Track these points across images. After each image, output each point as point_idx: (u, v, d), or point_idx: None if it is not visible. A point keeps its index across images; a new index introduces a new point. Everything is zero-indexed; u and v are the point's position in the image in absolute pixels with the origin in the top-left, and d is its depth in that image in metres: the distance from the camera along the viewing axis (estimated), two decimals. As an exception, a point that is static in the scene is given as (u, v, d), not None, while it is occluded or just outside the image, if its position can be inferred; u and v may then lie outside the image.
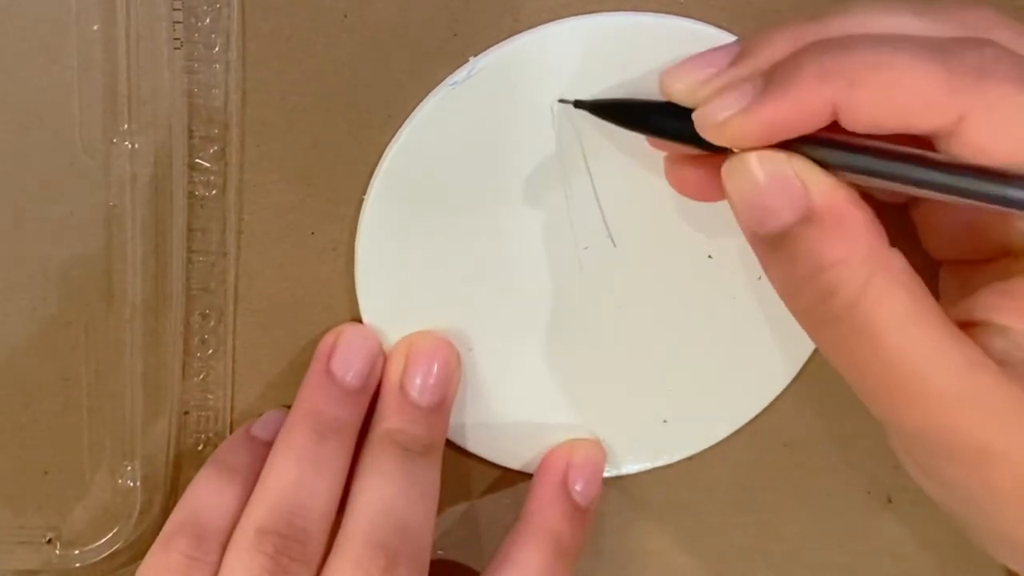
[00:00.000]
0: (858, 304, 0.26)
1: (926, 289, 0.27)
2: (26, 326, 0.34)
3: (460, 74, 0.32)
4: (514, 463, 0.37)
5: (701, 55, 0.29)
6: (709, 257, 0.34)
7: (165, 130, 0.32)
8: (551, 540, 0.34)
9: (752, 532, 0.39)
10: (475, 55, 0.32)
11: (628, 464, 0.37)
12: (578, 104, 0.32)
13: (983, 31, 0.27)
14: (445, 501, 0.33)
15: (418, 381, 0.34)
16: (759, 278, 0.34)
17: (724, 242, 0.34)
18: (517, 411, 0.36)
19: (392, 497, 0.31)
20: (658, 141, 0.31)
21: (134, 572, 0.35)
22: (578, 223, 0.34)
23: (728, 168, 0.28)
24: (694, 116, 0.28)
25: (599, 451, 0.36)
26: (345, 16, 0.32)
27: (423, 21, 0.32)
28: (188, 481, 0.34)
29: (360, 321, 0.35)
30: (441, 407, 0.34)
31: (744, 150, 0.28)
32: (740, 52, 0.29)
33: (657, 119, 0.30)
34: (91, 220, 0.33)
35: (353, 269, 0.34)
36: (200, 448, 0.35)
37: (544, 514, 0.34)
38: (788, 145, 0.27)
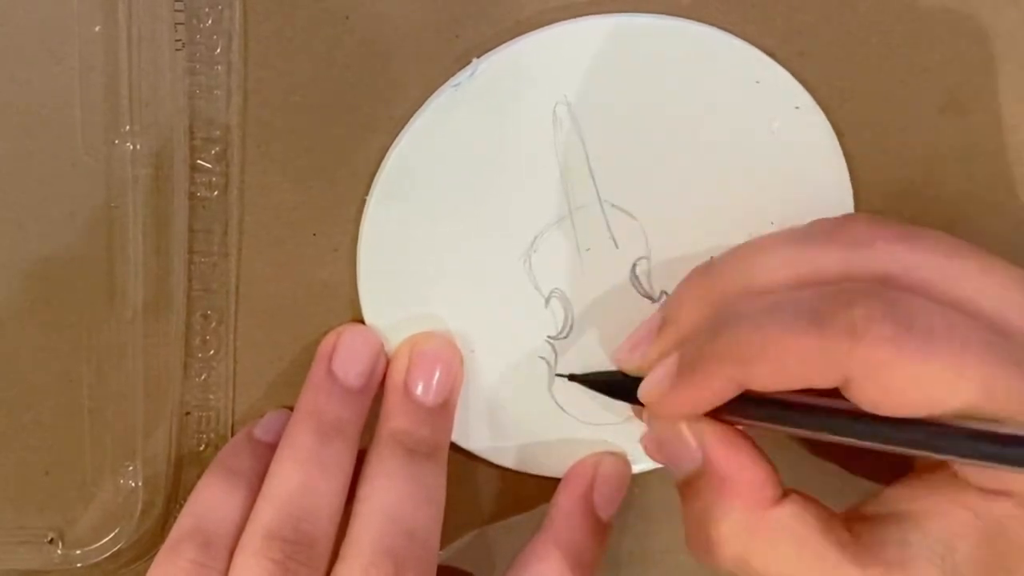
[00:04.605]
0: (746, 559, 0.29)
1: (822, 524, 0.29)
2: (27, 327, 0.34)
3: (462, 76, 0.32)
4: (516, 465, 0.37)
5: (637, 329, 0.33)
6: (711, 258, 0.34)
7: (166, 131, 0.32)
8: (571, 553, 0.34)
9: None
10: (477, 57, 0.32)
11: (632, 464, 0.37)
12: (572, 378, 0.35)
13: (865, 245, 0.29)
14: (448, 504, 0.33)
15: (422, 381, 0.34)
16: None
17: (727, 243, 0.34)
18: (519, 412, 0.36)
19: (398, 501, 0.31)
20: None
21: (136, 572, 0.36)
22: (580, 224, 0.34)
23: (646, 419, 0.32)
24: (639, 394, 0.31)
25: (625, 465, 0.36)
26: (347, 17, 0.32)
27: (425, 22, 0.32)
28: (190, 481, 0.34)
29: (361, 323, 0.35)
30: (446, 407, 0.34)
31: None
32: (662, 320, 0.32)
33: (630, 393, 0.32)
34: (92, 221, 0.33)
35: (355, 270, 0.34)
36: (202, 449, 0.36)
37: (566, 526, 0.35)
38: None
